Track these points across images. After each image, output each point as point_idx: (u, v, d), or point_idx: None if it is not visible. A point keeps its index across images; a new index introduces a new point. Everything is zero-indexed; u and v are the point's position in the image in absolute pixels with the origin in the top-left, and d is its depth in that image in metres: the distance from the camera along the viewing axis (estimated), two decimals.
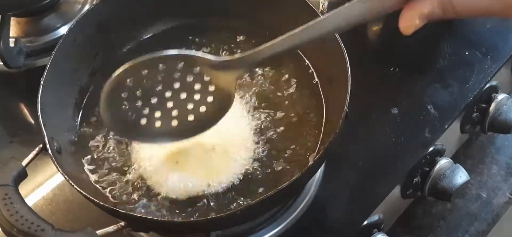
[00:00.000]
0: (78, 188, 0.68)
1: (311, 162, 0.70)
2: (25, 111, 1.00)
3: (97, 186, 0.78)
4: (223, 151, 0.79)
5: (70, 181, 0.69)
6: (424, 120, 0.91)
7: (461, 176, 0.90)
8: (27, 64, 1.00)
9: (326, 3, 0.84)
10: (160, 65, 0.69)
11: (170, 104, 0.72)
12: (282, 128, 0.82)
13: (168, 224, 0.72)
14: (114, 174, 0.79)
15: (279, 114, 0.83)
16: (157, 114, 0.73)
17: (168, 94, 0.72)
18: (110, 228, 0.66)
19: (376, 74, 0.98)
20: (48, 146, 0.71)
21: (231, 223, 0.75)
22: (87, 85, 0.86)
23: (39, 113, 0.73)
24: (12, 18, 1.00)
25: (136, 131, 0.74)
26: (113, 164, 0.80)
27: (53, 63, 0.79)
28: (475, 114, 0.97)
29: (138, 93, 0.71)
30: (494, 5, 0.57)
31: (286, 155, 0.79)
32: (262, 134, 0.81)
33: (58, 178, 0.88)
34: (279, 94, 0.85)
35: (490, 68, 0.96)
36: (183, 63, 0.69)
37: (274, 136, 0.81)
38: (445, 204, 0.95)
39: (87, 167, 0.79)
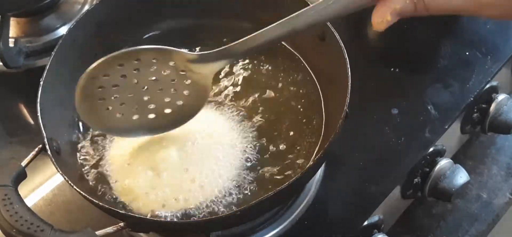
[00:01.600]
0: (77, 189, 0.68)
1: (311, 163, 0.70)
2: (25, 111, 1.00)
3: (96, 186, 0.78)
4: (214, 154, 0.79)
5: (70, 182, 0.69)
6: (424, 120, 0.91)
7: (461, 176, 0.90)
8: (27, 64, 1.01)
9: None
10: (135, 61, 0.71)
11: (146, 98, 0.74)
12: (281, 128, 0.82)
13: (168, 225, 0.72)
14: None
15: (278, 115, 0.83)
16: (134, 107, 0.74)
17: (144, 88, 0.73)
18: (110, 229, 0.66)
19: (376, 74, 0.97)
20: (47, 147, 0.71)
21: (231, 223, 0.75)
22: None
23: (39, 114, 0.73)
24: (12, 18, 1.00)
25: (112, 125, 0.75)
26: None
27: (53, 63, 0.79)
28: (475, 115, 0.97)
29: (113, 87, 0.72)
30: (466, 3, 0.57)
31: (285, 154, 0.79)
32: (261, 135, 0.81)
33: (58, 179, 0.88)
34: (278, 95, 0.85)
35: (491, 68, 0.96)
36: (158, 57, 0.71)
37: (274, 136, 0.81)
38: (445, 204, 0.95)
39: (86, 168, 0.79)
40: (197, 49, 0.89)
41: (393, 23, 0.61)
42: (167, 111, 0.75)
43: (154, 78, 0.72)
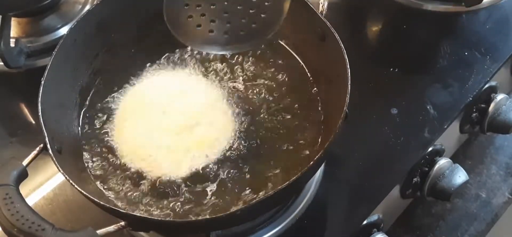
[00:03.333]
0: (78, 188, 0.69)
1: (310, 163, 0.70)
2: (26, 111, 1.00)
3: (97, 185, 0.78)
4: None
5: (71, 181, 0.69)
6: (423, 120, 0.91)
7: (460, 176, 0.90)
8: (28, 64, 1.01)
9: (326, 3, 0.84)
10: None
11: (226, 14, 0.77)
12: (282, 129, 0.82)
13: (168, 224, 0.72)
14: (115, 173, 0.79)
15: (279, 115, 0.83)
16: (213, 22, 0.77)
17: (226, 1, 0.76)
18: (111, 228, 0.66)
19: (376, 74, 0.98)
20: (48, 146, 0.71)
21: (231, 223, 0.75)
22: (88, 85, 0.86)
23: (40, 113, 0.74)
24: (12, 19, 1.00)
25: (191, 34, 0.78)
26: (114, 164, 0.80)
27: (54, 63, 0.79)
28: (474, 114, 0.97)
29: None
30: None
31: (285, 155, 0.80)
32: (261, 133, 0.81)
33: (59, 178, 0.88)
34: (278, 95, 0.85)
35: (490, 68, 0.96)
36: None
37: (274, 136, 0.81)
38: (445, 204, 0.95)
39: (87, 167, 0.80)
40: None
41: None
42: (242, 32, 0.77)
43: None
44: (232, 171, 0.78)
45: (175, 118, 0.81)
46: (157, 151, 0.79)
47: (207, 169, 0.78)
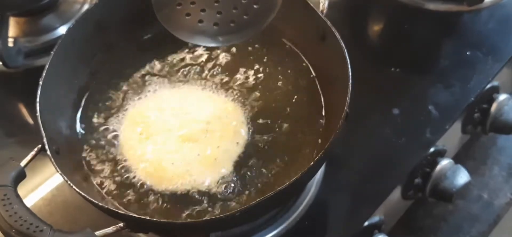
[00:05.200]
0: (76, 189, 0.68)
1: (311, 163, 0.69)
2: (24, 111, 1.00)
3: (96, 186, 0.77)
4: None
5: (69, 182, 0.68)
6: (425, 120, 0.90)
7: (462, 176, 0.89)
8: (26, 64, 1.00)
9: (326, 2, 0.84)
10: None
11: (217, 4, 0.75)
12: (282, 129, 0.82)
13: (167, 225, 0.71)
14: (113, 174, 0.79)
15: (279, 115, 0.83)
16: (203, 11, 0.75)
17: None
18: (109, 229, 0.66)
19: (377, 74, 0.97)
20: (47, 147, 0.71)
21: (231, 224, 0.75)
22: (86, 85, 0.86)
23: (38, 114, 0.73)
24: (11, 18, 1.00)
25: (179, 24, 0.76)
26: (112, 164, 0.80)
27: (52, 63, 0.78)
28: (476, 115, 0.97)
29: None
30: None
31: (286, 155, 0.79)
32: (262, 134, 0.81)
33: (57, 179, 0.87)
34: (278, 95, 0.85)
35: (492, 69, 0.96)
36: None
37: (274, 136, 0.81)
38: (446, 205, 0.95)
39: (85, 168, 0.79)
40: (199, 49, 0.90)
41: None
42: (231, 24, 0.76)
43: None
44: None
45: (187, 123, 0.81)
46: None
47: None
